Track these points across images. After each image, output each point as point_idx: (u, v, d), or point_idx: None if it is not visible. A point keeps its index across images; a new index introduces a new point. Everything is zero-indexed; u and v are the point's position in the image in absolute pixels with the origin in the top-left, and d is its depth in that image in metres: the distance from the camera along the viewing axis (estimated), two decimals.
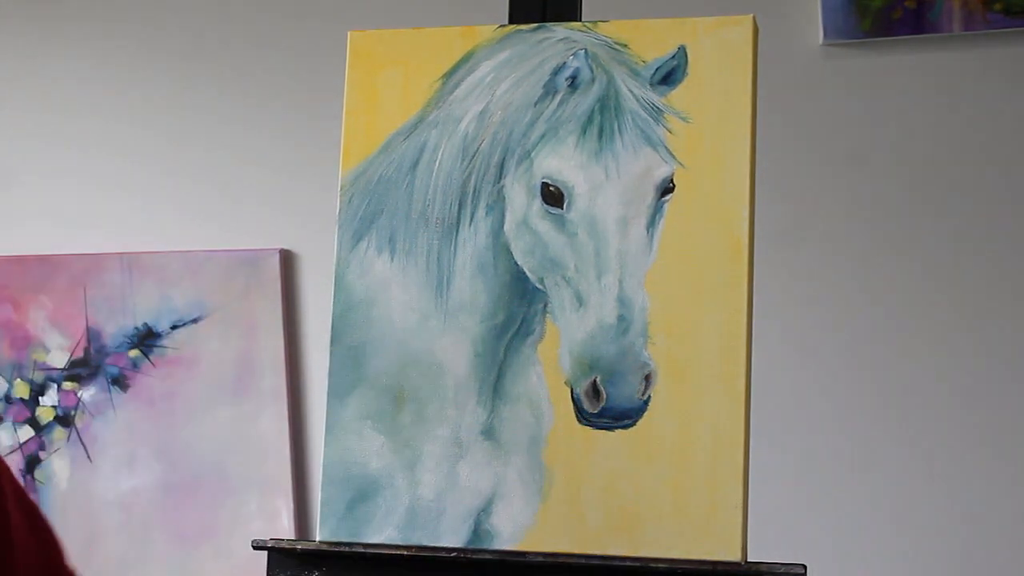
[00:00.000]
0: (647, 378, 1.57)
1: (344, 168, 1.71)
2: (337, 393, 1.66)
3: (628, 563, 1.53)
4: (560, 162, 1.63)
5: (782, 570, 1.48)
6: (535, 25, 1.68)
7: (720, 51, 1.62)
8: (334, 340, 1.67)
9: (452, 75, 1.70)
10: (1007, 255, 2.57)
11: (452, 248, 1.66)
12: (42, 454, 2.97)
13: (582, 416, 1.59)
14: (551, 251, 1.62)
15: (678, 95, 1.62)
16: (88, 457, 2.94)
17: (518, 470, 1.60)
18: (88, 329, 2.95)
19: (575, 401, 1.59)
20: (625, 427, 1.57)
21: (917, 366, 2.57)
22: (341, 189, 1.70)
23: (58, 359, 2.97)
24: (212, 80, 2.97)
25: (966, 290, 2.57)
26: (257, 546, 1.66)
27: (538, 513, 1.58)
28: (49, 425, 2.97)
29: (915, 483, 2.55)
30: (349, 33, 1.75)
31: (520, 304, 1.63)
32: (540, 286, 1.63)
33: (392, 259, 1.67)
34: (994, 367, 2.54)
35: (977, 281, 2.57)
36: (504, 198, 1.65)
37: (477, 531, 1.59)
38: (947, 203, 2.59)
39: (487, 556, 1.57)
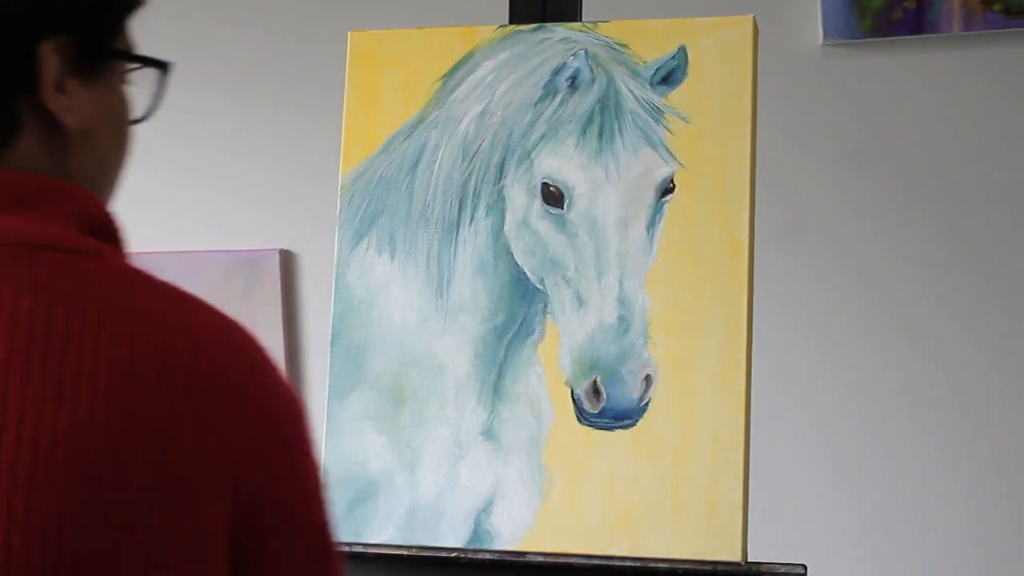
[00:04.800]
0: (647, 378, 1.57)
1: (344, 168, 1.71)
2: (337, 393, 1.66)
3: (628, 563, 1.53)
4: (560, 162, 1.63)
5: (782, 570, 1.48)
6: (535, 25, 1.68)
7: (720, 51, 1.61)
8: (334, 340, 1.67)
9: (452, 75, 1.69)
10: (1006, 255, 2.56)
11: (452, 248, 1.66)
12: None
13: (582, 416, 1.59)
14: (551, 251, 1.62)
15: (678, 95, 1.62)
16: None
17: (518, 470, 1.60)
18: None
19: (575, 401, 1.59)
20: (625, 427, 1.57)
21: (917, 365, 2.57)
22: (341, 189, 1.70)
23: None
24: (212, 80, 2.97)
25: (966, 290, 2.57)
26: None
27: (538, 513, 1.58)
28: None
29: (915, 483, 2.55)
30: (349, 33, 1.75)
31: (520, 304, 1.63)
32: (540, 286, 1.63)
33: (392, 259, 1.67)
34: (994, 367, 2.54)
35: (976, 281, 2.57)
36: (504, 198, 1.65)
37: (477, 531, 1.59)
38: (947, 203, 2.59)
39: (487, 556, 1.57)
